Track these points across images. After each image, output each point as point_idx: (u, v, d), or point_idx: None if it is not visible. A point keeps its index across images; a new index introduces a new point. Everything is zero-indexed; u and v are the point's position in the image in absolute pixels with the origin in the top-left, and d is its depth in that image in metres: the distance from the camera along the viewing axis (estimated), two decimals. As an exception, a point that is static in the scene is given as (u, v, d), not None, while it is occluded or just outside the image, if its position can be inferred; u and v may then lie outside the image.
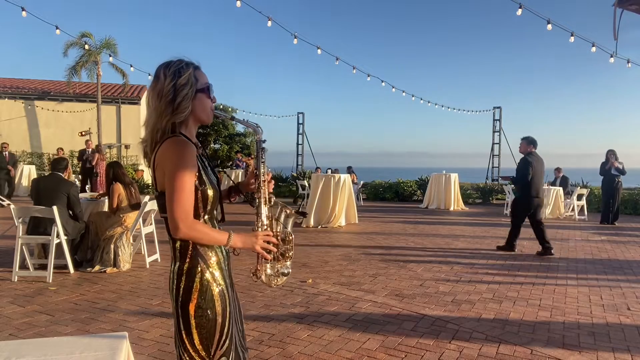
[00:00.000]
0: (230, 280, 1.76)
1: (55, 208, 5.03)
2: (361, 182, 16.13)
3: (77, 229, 5.59)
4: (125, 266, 5.65)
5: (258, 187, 1.75)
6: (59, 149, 15.19)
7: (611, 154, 10.88)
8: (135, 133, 22.52)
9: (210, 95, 1.68)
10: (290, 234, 1.78)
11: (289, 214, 1.78)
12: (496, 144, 18.48)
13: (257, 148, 1.75)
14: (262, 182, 1.72)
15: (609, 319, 4.14)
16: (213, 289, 1.63)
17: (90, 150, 13.84)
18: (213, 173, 1.75)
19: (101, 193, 7.43)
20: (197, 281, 1.61)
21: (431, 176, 14.88)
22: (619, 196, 11.14)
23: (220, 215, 1.79)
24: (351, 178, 11.44)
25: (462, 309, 4.30)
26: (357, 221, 10.30)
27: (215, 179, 1.72)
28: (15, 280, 5.05)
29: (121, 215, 5.71)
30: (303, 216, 1.93)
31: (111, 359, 1.84)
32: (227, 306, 1.67)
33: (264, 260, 1.74)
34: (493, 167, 18.21)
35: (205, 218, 1.67)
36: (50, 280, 5.02)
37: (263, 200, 1.73)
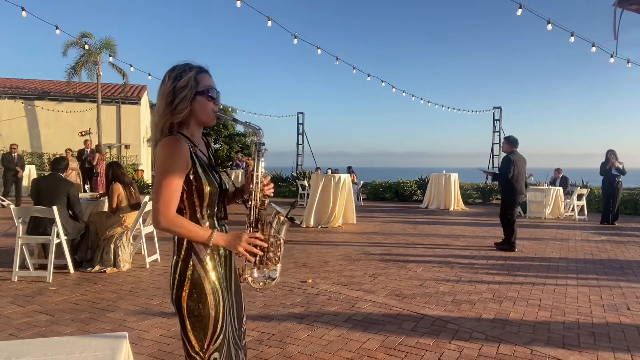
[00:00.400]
0: (227, 279, 1.76)
1: (55, 208, 5.03)
2: (361, 182, 16.12)
3: (77, 229, 5.59)
4: (125, 266, 5.65)
5: (250, 191, 1.76)
6: (67, 150, 14.98)
7: (611, 154, 10.88)
8: (135, 133, 22.51)
9: (212, 98, 1.71)
10: (279, 239, 1.73)
11: (282, 221, 1.74)
12: (496, 144, 18.52)
13: (255, 150, 1.75)
14: (255, 185, 1.73)
15: (609, 319, 4.13)
16: (205, 284, 1.65)
17: (89, 150, 13.82)
18: (215, 171, 1.77)
19: (101, 193, 7.44)
20: (189, 274, 1.65)
21: (431, 176, 14.88)
22: (619, 196, 11.14)
23: (223, 213, 1.80)
24: (351, 178, 11.43)
25: (462, 309, 4.30)
26: (355, 222, 10.30)
27: (216, 177, 1.74)
28: (15, 280, 5.05)
29: (121, 215, 5.71)
30: (292, 221, 1.87)
31: (111, 359, 1.85)
32: (221, 302, 1.68)
33: (247, 262, 1.74)
34: (493, 167, 18.23)
35: (204, 213, 1.70)
36: (50, 280, 5.02)
37: (254, 204, 1.73)
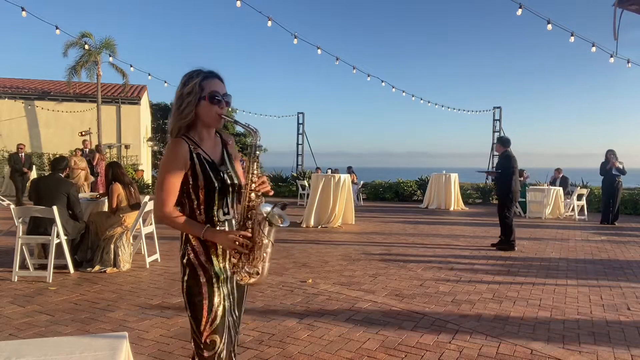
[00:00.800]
0: (226, 270, 1.84)
1: (55, 208, 5.03)
2: (361, 182, 16.12)
3: (77, 229, 5.59)
4: (125, 266, 5.65)
5: (241, 191, 1.85)
6: (77, 150, 14.77)
7: (611, 154, 10.88)
8: (135, 133, 22.50)
9: (216, 103, 1.80)
10: (262, 239, 1.73)
11: (269, 221, 1.73)
12: (496, 144, 18.53)
13: (250, 152, 1.79)
14: (245, 186, 1.80)
15: (609, 318, 4.14)
16: (198, 271, 1.79)
17: (87, 150, 13.79)
18: (222, 170, 1.86)
19: (101, 193, 7.44)
20: (185, 262, 1.82)
21: (431, 176, 14.88)
22: (619, 196, 11.14)
23: (227, 209, 1.88)
24: (351, 178, 11.43)
25: (462, 309, 4.31)
26: (355, 222, 10.29)
27: (220, 175, 1.84)
28: (15, 280, 5.05)
29: (121, 215, 5.71)
30: (283, 209, 1.87)
31: (111, 359, 1.85)
32: (215, 290, 1.80)
33: (232, 257, 1.80)
34: (493, 167, 18.23)
35: (202, 209, 1.81)
36: (50, 280, 5.02)
37: (244, 204, 1.79)
